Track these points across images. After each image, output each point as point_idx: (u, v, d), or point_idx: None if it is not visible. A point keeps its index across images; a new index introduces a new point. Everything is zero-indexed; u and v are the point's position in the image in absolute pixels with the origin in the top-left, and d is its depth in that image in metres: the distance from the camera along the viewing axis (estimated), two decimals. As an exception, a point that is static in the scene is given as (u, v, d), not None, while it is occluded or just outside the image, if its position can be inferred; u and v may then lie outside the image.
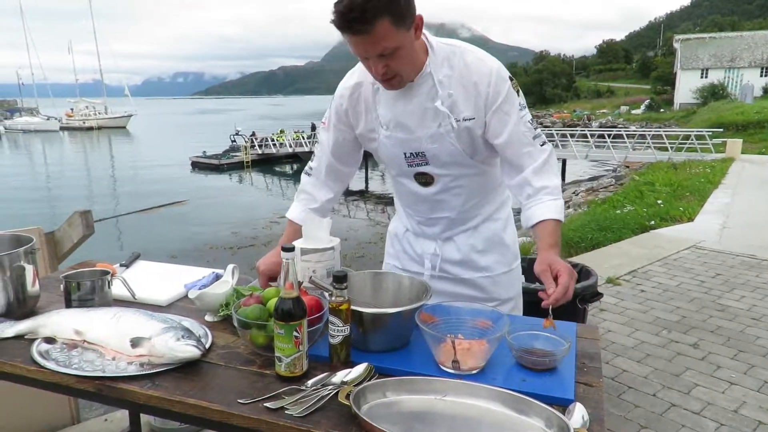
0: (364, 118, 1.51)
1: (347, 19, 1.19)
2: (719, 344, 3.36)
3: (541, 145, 1.44)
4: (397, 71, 1.31)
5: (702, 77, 41.34)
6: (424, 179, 1.52)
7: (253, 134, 28.78)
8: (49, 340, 1.30)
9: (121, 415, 2.42)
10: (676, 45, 46.21)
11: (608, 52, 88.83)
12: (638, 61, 77.25)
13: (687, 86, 40.77)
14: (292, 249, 1.14)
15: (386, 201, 17.75)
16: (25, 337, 1.32)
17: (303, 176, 1.71)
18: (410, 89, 1.40)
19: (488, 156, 1.51)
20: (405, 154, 1.49)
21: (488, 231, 1.63)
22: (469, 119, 1.41)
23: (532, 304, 1.98)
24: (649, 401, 2.73)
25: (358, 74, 1.50)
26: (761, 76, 40.30)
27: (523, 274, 1.81)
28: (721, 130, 19.74)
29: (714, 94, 37.52)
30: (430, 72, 1.38)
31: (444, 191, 1.53)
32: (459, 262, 1.63)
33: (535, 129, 1.45)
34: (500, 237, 1.64)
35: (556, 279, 1.26)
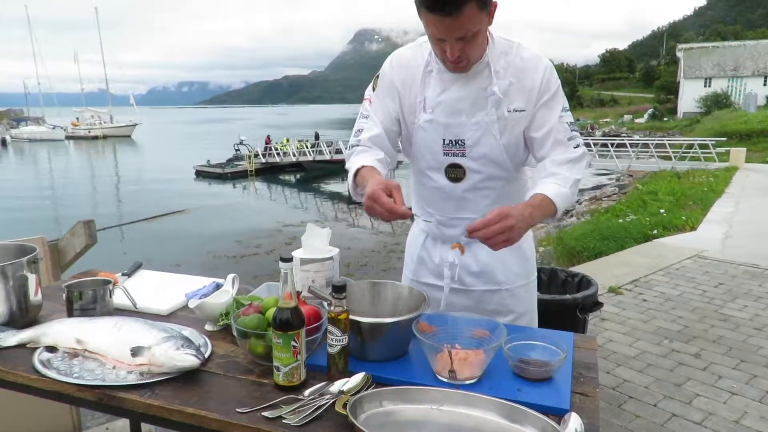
0: (408, 97, 1.49)
1: (444, 9, 1.20)
2: (721, 354, 3.35)
3: (575, 147, 1.45)
4: (469, 56, 1.33)
5: (705, 86, 41.37)
6: (455, 174, 1.49)
7: (268, 138, 29.44)
8: (51, 349, 1.31)
9: (123, 424, 2.43)
10: (679, 54, 46.31)
11: (611, 61, 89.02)
12: (641, 70, 77.35)
13: (690, 95, 40.81)
14: (290, 259, 1.15)
15: (389, 209, 17.70)
16: (27, 345, 1.33)
17: (350, 150, 1.54)
18: (464, 76, 1.41)
19: (523, 159, 1.53)
20: (444, 140, 1.46)
21: None
22: (520, 110, 1.43)
23: (547, 315, 1.97)
24: (650, 411, 2.72)
25: (410, 55, 1.49)
26: (764, 84, 40.30)
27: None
28: (725, 139, 19.74)
29: (717, 103, 37.53)
30: (488, 62, 1.40)
31: (472, 190, 1.50)
32: (478, 273, 1.59)
33: (572, 131, 1.45)
34: (520, 248, 1.60)
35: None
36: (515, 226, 1.24)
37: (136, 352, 1.21)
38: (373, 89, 1.55)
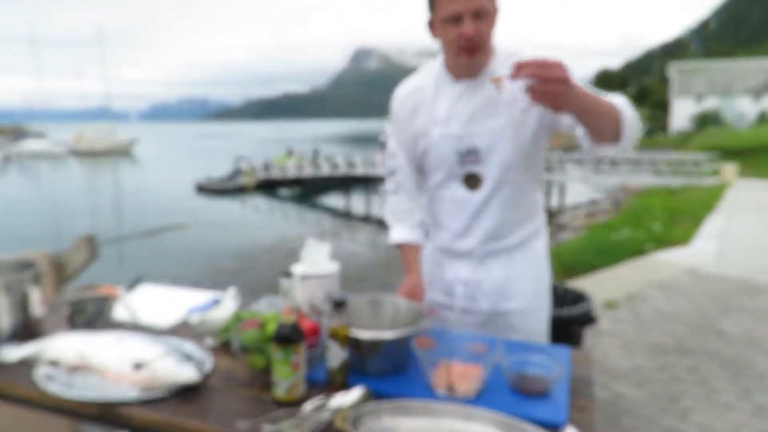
0: (420, 119, 1.55)
1: None
2: (716, 368, 3.36)
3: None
4: (482, 40, 1.39)
5: (697, 104, 41.78)
6: (472, 182, 1.51)
7: (290, 151, 30.30)
8: (53, 364, 1.32)
9: (120, 440, 2.41)
10: (671, 72, 46.82)
11: (605, 79, 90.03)
12: (635, 87, 78.12)
13: (682, 112, 41.18)
14: (290, 275, 1.17)
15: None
16: (29, 360, 1.34)
17: (390, 197, 1.68)
18: (472, 86, 1.47)
19: (536, 162, 1.53)
20: (459, 151, 1.49)
21: (522, 261, 1.58)
22: (528, 110, 1.44)
23: (555, 328, 1.97)
24: (647, 426, 2.72)
25: (418, 80, 1.58)
26: (755, 102, 40.72)
27: None
28: (717, 155, 19.90)
29: (709, 120, 37.89)
30: (494, 70, 1.44)
31: (488, 199, 1.51)
32: (490, 291, 1.57)
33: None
34: (537, 267, 1.61)
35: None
36: (568, 81, 1.12)
37: (137, 366, 1.22)
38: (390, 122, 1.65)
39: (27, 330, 1.46)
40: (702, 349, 3.67)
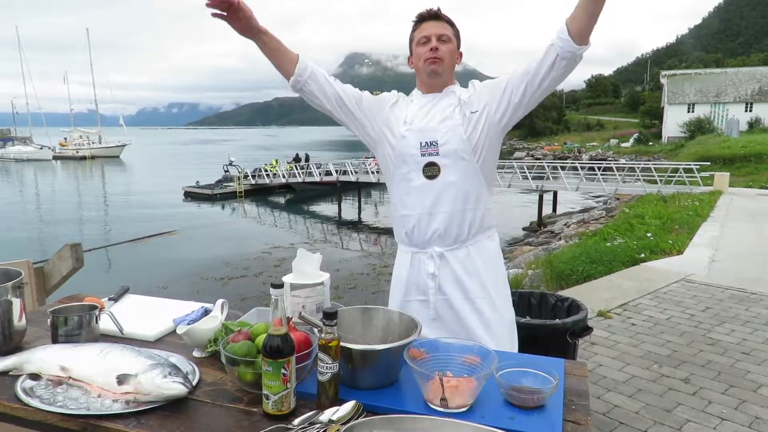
0: (395, 112, 1.87)
1: (431, 14, 1.81)
2: (710, 379, 3.35)
3: None
4: (443, 57, 1.78)
5: (689, 112, 42.21)
6: (431, 172, 1.79)
7: (297, 156, 30.61)
8: (34, 377, 1.29)
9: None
10: (663, 80, 47.28)
11: (597, 86, 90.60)
12: (626, 96, 78.72)
13: (674, 120, 41.58)
14: (280, 285, 1.15)
15: (379, 231, 17.77)
16: (10, 373, 1.31)
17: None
18: (435, 98, 1.83)
19: (486, 159, 1.80)
20: (421, 143, 1.79)
21: (480, 257, 1.83)
22: (475, 111, 1.79)
23: (538, 339, 2.01)
24: (642, 437, 2.70)
25: (398, 94, 1.96)
26: (746, 111, 41.20)
27: (514, 308, 1.94)
28: (709, 163, 20.06)
29: (701, 128, 38.28)
30: (454, 89, 1.84)
31: (445, 185, 1.78)
32: (455, 283, 1.80)
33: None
34: (493, 262, 1.86)
35: None
36: None
37: (121, 380, 1.19)
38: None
39: (8, 342, 1.43)
40: (696, 359, 3.67)
